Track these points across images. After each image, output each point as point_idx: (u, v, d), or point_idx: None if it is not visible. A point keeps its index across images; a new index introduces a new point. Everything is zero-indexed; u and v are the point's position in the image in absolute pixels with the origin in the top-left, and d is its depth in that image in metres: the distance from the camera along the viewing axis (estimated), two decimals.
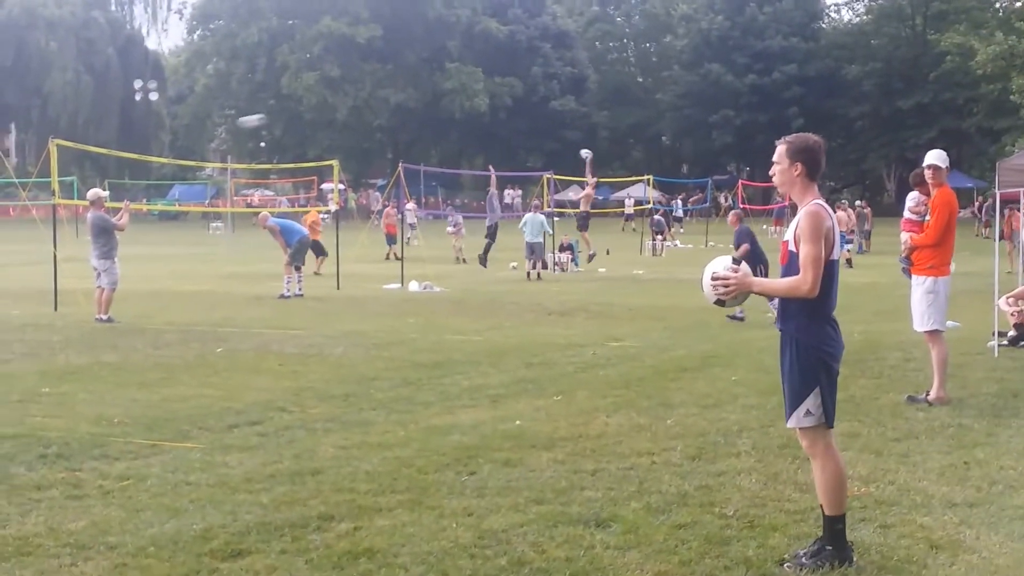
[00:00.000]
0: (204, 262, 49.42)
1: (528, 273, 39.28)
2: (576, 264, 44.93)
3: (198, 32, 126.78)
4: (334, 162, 43.83)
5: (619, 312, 27.63)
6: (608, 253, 51.66)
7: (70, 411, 14.49)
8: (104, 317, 24.76)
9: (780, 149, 8.80)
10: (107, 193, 28.14)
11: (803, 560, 8.48)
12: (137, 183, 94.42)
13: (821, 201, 8.63)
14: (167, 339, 22.35)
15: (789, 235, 8.72)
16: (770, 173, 9.03)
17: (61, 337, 22.53)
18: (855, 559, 8.53)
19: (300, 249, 32.12)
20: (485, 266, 41.80)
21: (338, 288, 34.42)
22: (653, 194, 73.99)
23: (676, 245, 60.96)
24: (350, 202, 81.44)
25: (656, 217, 59.11)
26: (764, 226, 67.56)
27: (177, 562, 8.47)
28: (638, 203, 71.82)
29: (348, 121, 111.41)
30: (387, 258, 47.42)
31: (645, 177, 75.70)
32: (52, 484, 10.67)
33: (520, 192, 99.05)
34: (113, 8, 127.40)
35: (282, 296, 31.04)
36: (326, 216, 46.36)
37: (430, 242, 52.29)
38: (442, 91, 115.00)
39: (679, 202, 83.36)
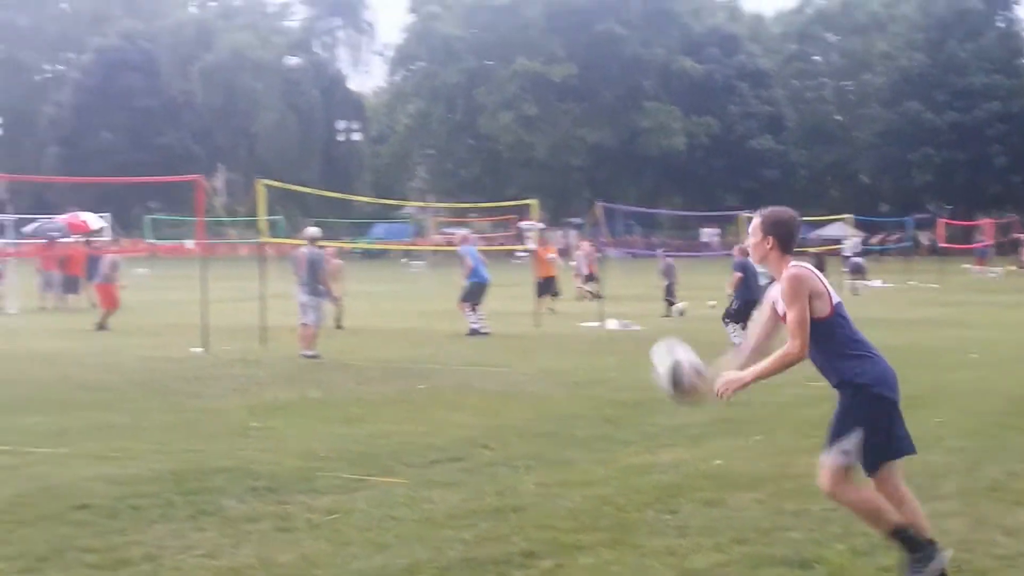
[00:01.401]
0: (404, 299, 49.80)
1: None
2: None
3: (399, 73, 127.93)
4: (533, 201, 43.99)
5: None
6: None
7: (278, 445, 14.68)
8: (309, 353, 25.03)
9: (755, 222, 8.93)
10: (319, 231, 28.49)
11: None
12: (339, 221, 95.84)
13: (798, 263, 8.69)
14: (370, 375, 22.54)
15: (778, 304, 8.81)
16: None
17: (268, 372, 22.82)
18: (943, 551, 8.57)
19: (473, 291, 32.13)
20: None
21: (536, 326, 34.41)
22: (851, 232, 72.75)
23: (873, 284, 59.65)
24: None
25: (854, 260, 58.06)
26: (965, 265, 66.50)
27: None
28: (835, 242, 70.74)
29: (546, 160, 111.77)
30: (582, 298, 47.02)
31: (844, 216, 74.69)
32: (262, 517, 10.81)
33: (719, 230, 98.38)
34: (317, 50, 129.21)
35: (473, 332, 31.04)
36: (526, 254, 46.38)
37: (630, 279, 52.20)
38: (639, 130, 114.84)
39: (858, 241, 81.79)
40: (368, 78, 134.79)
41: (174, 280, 38.06)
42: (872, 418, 8.52)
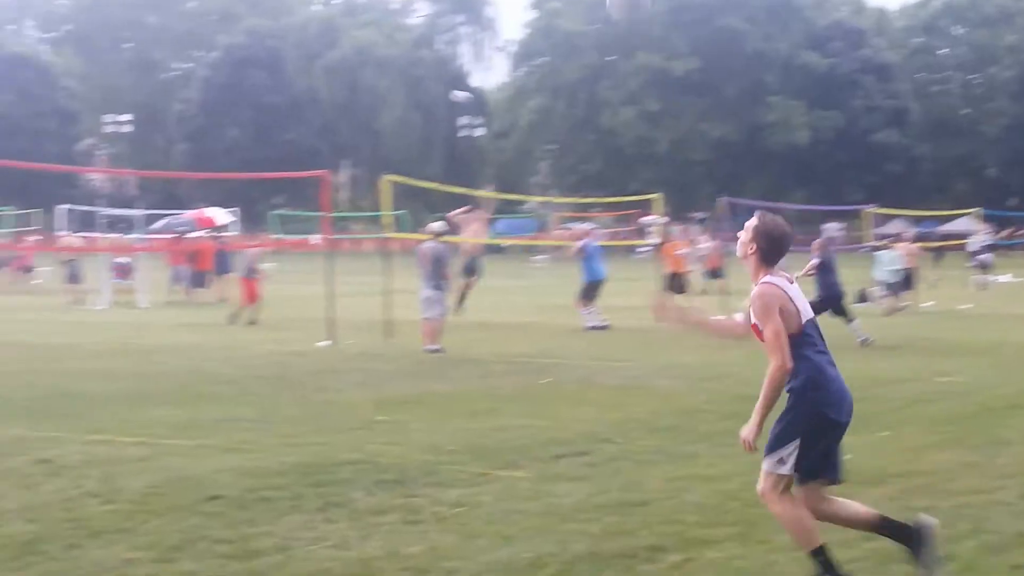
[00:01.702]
0: (527, 294, 49.79)
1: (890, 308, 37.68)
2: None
3: (521, 69, 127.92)
4: (657, 196, 43.83)
5: (945, 347, 26.88)
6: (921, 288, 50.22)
7: (404, 438, 14.74)
8: (433, 348, 25.11)
9: (749, 223, 8.87)
10: (446, 226, 28.63)
11: None
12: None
13: (770, 278, 8.64)
14: (493, 369, 22.60)
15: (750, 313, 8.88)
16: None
17: (393, 366, 22.94)
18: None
19: (588, 288, 32.02)
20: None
21: (659, 320, 34.08)
22: (978, 227, 71.50)
23: (1001, 280, 58.50)
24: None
25: (981, 255, 57.01)
26: None
27: None
28: (961, 236, 69.61)
29: (668, 155, 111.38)
30: (704, 292, 46.48)
31: (972, 210, 73.58)
32: (390, 509, 10.87)
33: (843, 225, 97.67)
34: (439, 47, 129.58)
35: (591, 328, 31.07)
36: (648, 249, 46.19)
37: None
38: (762, 124, 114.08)
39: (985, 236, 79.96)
40: (491, 74, 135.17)
41: (299, 275, 38.33)
42: (810, 432, 8.59)
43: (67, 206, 61.32)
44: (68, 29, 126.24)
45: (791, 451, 8.52)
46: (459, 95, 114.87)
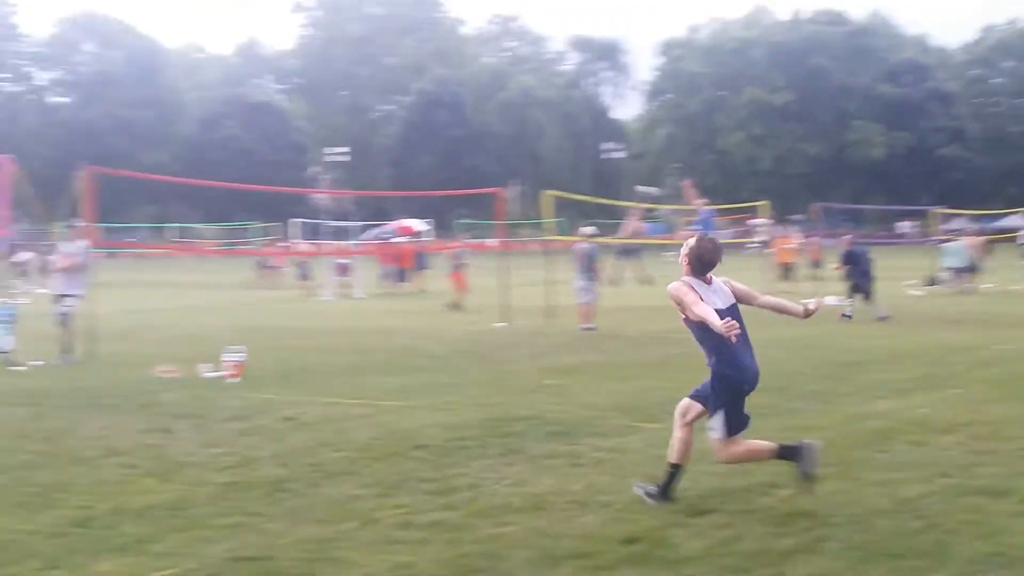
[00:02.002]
0: (662, 283, 49.40)
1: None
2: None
3: (653, 104, 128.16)
4: (764, 203, 43.63)
5: (1002, 321, 26.28)
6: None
7: (567, 399, 14.73)
8: (587, 326, 25.10)
9: (688, 242, 9.62)
10: (596, 230, 28.77)
11: (650, 491, 9.14)
12: (606, 222, 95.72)
13: (684, 278, 9.48)
14: (637, 343, 22.52)
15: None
16: None
17: (555, 342, 22.92)
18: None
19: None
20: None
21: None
22: None
23: None
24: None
25: None
26: None
27: (657, 516, 8.54)
28: (1012, 231, 67.87)
29: (771, 169, 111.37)
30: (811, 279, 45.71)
31: (1020, 209, 71.92)
32: (557, 455, 10.90)
33: (914, 223, 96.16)
34: (587, 87, 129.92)
35: None
36: (756, 246, 45.73)
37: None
38: (847, 143, 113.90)
39: None
40: (627, 108, 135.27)
41: (480, 270, 38.43)
42: (729, 402, 9.20)
43: (299, 220, 62.28)
44: (298, 81, 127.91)
45: (721, 422, 9.10)
46: (609, 146, 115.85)
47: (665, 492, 9.10)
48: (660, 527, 8.22)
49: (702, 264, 9.44)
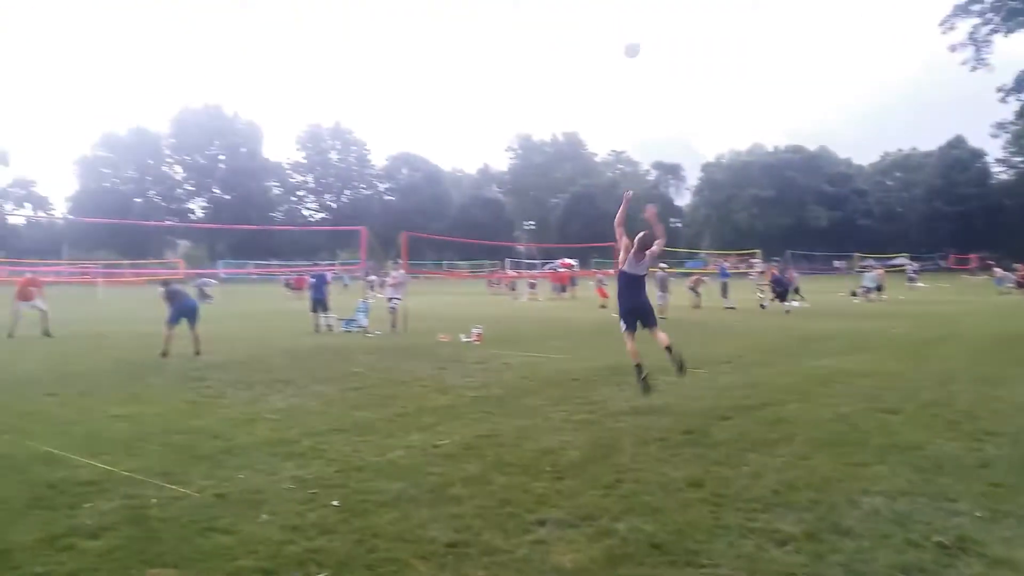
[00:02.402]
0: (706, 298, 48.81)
1: None
2: None
3: (697, 197, 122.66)
4: (758, 250, 42.25)
5: (895, 316, 24.79)
6: None
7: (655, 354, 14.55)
8: (661, 317, 24.34)
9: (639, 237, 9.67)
10: (666, 265, 28.04)
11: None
12: (670, 261, 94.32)
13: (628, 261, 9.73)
14: (692, 325, 21.98)
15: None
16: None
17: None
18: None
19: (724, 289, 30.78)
20: None
21: None
22: None
23: None
24: None
25: None
26: None
27: (702, 419, 8.42)
28: None
29: (762, 232, 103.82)
30: None
31: None
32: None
33: (844, 262, 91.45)
34: (661, 187, 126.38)
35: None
36: (756, 275, 44.43)
37: None
38: (805, 217, 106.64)
39: None
40: (682, 199, 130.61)
41: (608, 287, 38.08)
42: (623, 313, 9.91)
43: (509, 259, 63.19)
44: (509, 187, 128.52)
45: (621, 320, 9.94)
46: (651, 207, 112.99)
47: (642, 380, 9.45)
48: (703, 425, 8.14)
49: (639, 247, 9.66)
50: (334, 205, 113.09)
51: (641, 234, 9.73)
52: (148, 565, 4.52)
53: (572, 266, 57.30)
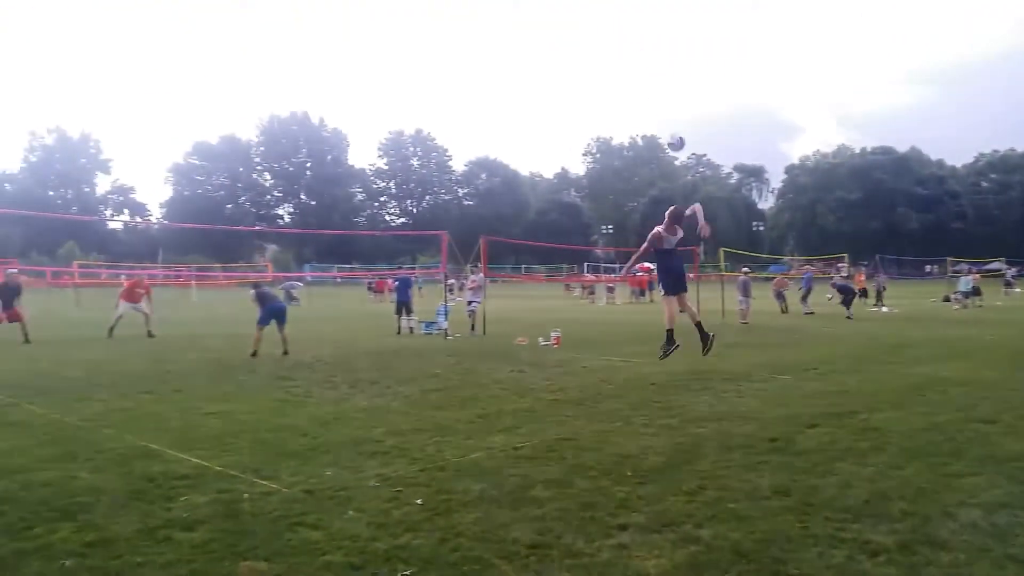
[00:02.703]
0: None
1: None
2: None
3: (780, 200, 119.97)
4: (845, 254, 41.11)
5: (991, 323, 23.79)
6: None
7: (734, 360, 14.11)
8: (744, 322, 23.76)
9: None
10: (748, 269, 27.50)
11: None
12: (752, 265, 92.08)
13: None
14: (774, 332, 21.46)
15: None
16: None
17: (725, 330, 21.88)
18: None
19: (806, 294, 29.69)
20: None
21: None
22: None
23: None
24: None
25: None
26: None
27: (788, 426, 8.21)
28: None
29: (849, 236, 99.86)
30: None
31: None
32: (729, 391, 10.55)
33: (936, 267, 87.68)
34: (744, 191, 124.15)
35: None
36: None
37: None
38: (894, 220, 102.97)
39: None
40: (765, 203, 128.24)
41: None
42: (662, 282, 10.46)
43: (586, 262, 63.22)
44: (586, 191, 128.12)
45: (660, 286, 10.58)
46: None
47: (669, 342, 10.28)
48: (789, 433, 7.94)
49: (671, 221, 10.21)
50: (414, 210, 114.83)
51: (672, 208, 9.97)
52: (240, 558, 4.65)
53: (651, 270, 56.71)
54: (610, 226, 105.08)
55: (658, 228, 10.28)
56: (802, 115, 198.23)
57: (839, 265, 51.17)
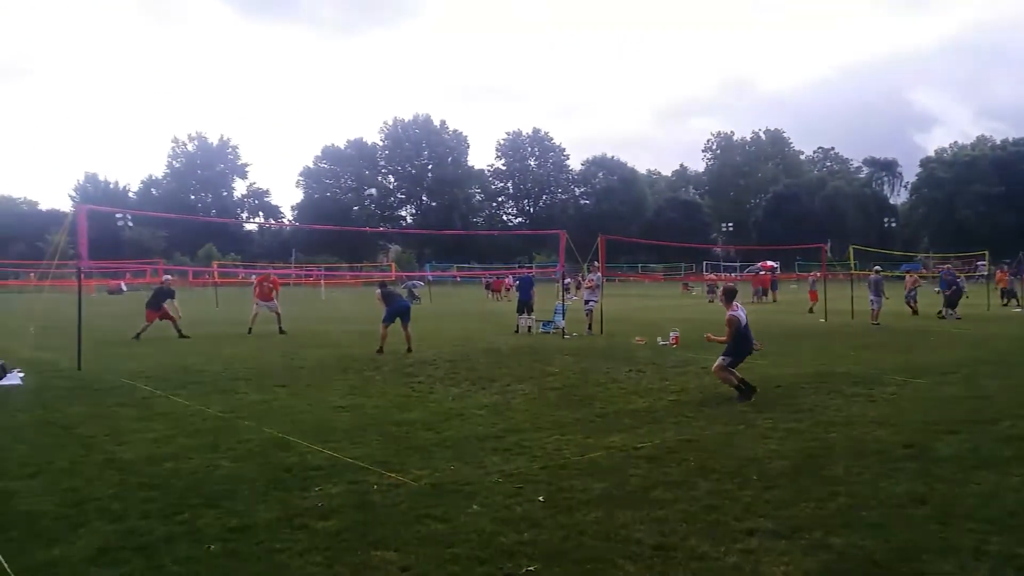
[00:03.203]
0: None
1: None
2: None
3: (915, 195, 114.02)
4: (984, 251, 38.58)
5: None
6: None
7: (864, 362, 13.51)
8: (875, 323, 22.68)
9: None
10: (880, 267, 26.15)
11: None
12: (883, 263, 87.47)
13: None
14: (909, 333, 20.46)
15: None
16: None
17: (854, 331, 20.97)
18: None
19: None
20: None
21: None
22: None
23: None
24: None
25: None
26: None
27: (924, 434, 7.79)
28: None
29: (987, 233, 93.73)
30: None
31: None
32: (859, 395, 10.15)
33: None
34: (874, 186, 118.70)
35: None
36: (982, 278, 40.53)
37: None
38: None
39: None
40: (897, 198, 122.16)
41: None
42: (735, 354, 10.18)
43: (705, 260, 62.03)
44: (706, 188, 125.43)
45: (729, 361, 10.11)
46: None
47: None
48: (926, 439, 7.56)
49: (731, 298, 10.66)
50: (531, 210, 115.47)
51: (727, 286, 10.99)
52: (372, 548, 4.81)
53: (774, 269, 55.11)
54: (730, 224, 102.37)
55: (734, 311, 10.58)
56: (937, 105, 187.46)
57: (979, 263, 48.26)
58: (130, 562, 4.60)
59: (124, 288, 57.33)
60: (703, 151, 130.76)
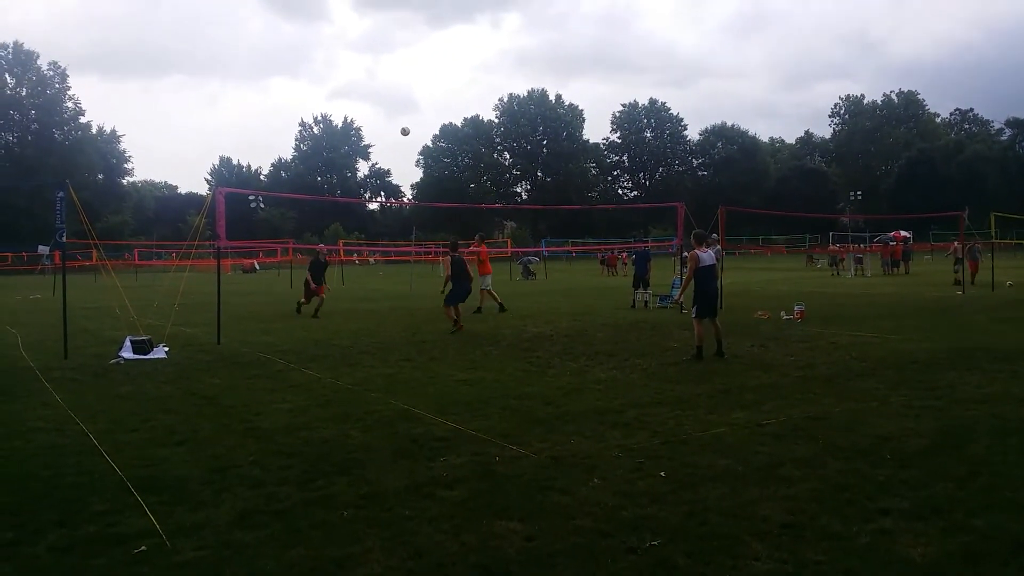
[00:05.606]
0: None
1: None
2: None
3: None
4: None
5: None
6: None
7: (1006, 336, 12.77)
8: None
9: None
10: None
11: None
12: None
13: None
14: (993, 310, 19.09)
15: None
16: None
17: (993, 303, 19.85)
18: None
19: None
20: None
21: None
22: None
23: None
24: None
25: None
26: None
27: None
28: None
29: None
30: None
31: None
32: (1002, 371, 9.54)
33: None
34: (1020, 149, 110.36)
35: None
36: None
37: None
38: None
39: None
40: None
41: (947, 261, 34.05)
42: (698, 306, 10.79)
43: (832, 232, 59.27)
44: (833, 155, 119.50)
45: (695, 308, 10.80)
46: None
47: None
48: None
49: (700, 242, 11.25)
50: (647, 183, 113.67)
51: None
52: (496, 517, 4.89)
53: (907, 239, 52.30)
54: (859, 192, 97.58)
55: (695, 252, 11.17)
56: None
57: None
58: (270, 525, 4.84)
59: (257, 267, 60.15)
60: (830, 116, 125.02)
